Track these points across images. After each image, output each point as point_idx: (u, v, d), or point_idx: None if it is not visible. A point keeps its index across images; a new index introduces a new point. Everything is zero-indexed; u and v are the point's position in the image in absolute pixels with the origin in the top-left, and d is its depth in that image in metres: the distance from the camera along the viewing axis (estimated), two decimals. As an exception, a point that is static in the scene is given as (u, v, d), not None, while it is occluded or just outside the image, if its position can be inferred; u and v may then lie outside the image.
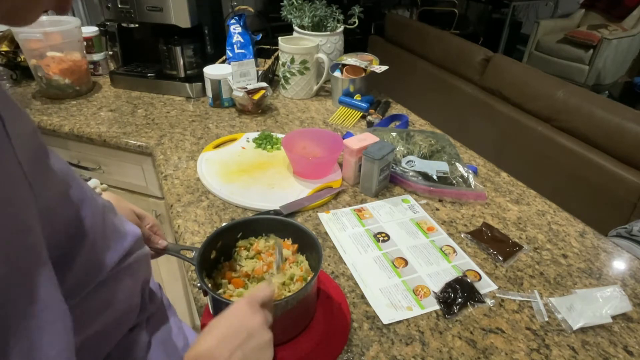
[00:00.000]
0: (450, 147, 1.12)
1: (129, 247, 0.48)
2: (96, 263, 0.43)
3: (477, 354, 0.66)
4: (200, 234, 0.87)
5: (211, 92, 1.35)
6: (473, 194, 1.00)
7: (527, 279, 0.80)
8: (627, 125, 1.67)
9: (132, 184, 1.33)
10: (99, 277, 0.43)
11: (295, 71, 1.40)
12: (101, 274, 0.43)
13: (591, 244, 0.90)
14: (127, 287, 0.49)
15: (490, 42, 4.15)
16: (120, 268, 0.46)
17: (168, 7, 1.27)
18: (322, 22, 1.50)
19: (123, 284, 0.47)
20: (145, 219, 0.73)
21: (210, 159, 1.09)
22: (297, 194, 0.97)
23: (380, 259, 0.82)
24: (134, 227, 0.53)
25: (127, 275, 0.48)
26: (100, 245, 0.43)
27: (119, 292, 0.47)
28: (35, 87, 1.45)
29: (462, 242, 0.88)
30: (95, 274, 0.43)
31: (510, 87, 2.10)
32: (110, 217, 0.48)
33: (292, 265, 0.68)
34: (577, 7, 4.37)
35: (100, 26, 1.50)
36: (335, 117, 1.34)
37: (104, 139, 1.22)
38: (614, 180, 1.67)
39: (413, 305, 0.73)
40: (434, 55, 2.56)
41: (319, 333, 0.66)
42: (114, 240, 0.46)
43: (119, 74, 1.48)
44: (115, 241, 0.47)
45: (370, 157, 0.94)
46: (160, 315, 0.57)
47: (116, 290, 0.46)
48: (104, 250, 0.44)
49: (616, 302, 0.73)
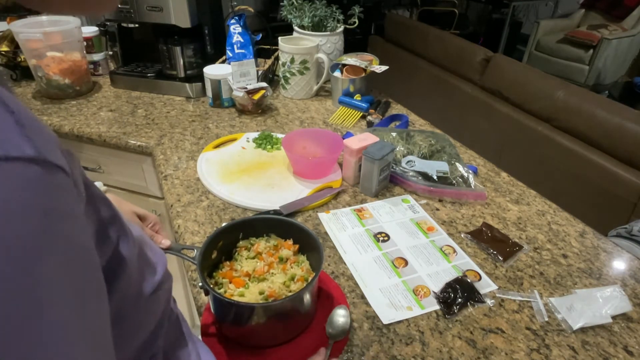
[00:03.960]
0: (450, 147, 1.12)
1: (160, 279, 0.48)
2: (131, 297, 0.42)
3: (477, 354, 0.66)
4: (200, 234, 0.87)
5: (211, 92, 1.35)
6: (473, 194, 1.00)
7: (527, 279, 0.80)
8: (627, 125, 1.67)
9: (132, 184, 1.33)
10: (132, 311, 0.43)
11: (295, 71, 1.40)
12: (135, 308, 0.43)
13: (591, 244, 0.90)
14: (153, 314, 0.48)
15: (490, 42, 4.15)
16: (150, 299, 0.46)
17: (168, 7, 1.27)
18: (322, 22, 1.50)
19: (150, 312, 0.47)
20: (147, 218, 0.72)
21: (210, 159, 1.09)
22: (297, 194, 0.97)
23: (380, 259, 0.82)
24: (160, 253, 0.52)
25: (155, 303, 0.47)
26: (135, 279, 0.43)
27: (145, 323, 0.46)
28: (35, 87, 1.45)
29: (462, 242, 0.88)
30: (130, 308, 0.42)
31: (510, 87, 2.10)
32: (144, 249, 0.47)
33: (293, 265, 0.68)
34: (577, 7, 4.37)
35: (100, 26, 1.50)
36: (335, 117, 1.34)
37: (104, 139, 1.22)
38: (614, 180, 1.67)
39: (413, 305, 0.73)
40: (434, 55, 2.56)
41: (319, 333, 0.66)
42: (148, 274, 0.46)
43: (119, 74, 1.48)
44: (149, 275, 0.46)
45: (370, 157, 0.94)
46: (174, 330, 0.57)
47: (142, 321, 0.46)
48: (139, 283, 0.44)
49: (616, 302, 0.73)
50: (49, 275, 0.25)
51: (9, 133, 0.24)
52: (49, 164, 0.26)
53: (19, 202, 0.24)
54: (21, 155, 0.24)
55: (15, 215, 0.23)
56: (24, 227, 0.24)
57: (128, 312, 0.42)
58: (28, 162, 0.24)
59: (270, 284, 0.65)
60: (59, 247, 0.26)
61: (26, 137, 0.25)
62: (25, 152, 0.24)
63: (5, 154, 0.23)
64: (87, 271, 0.30)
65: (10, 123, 0.25)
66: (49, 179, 0.26)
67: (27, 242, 0.24)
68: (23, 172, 0.24)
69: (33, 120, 0.27)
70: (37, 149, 0.25)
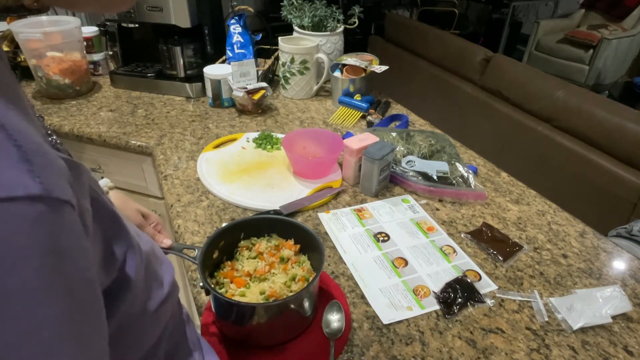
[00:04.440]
0: (450, 147, 1.12)
1: (167, 292, 0.47)
2: (135, 312, 0.42)
3: (477, 354, 0.66)
4: (200, 234, 0.87)
5: (211, 92, 1.35)
6: (473, 194, 1.00)
7: (527, 279, 0.80)
8: (627, 125, 1.68)
9: (132, 184, 1.33)
10: (137, 325, 0.42)
11: (295, 71, 1.40)
12: (140, 322, 0.43)
13: (591, 244, 0.90)
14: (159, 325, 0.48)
15: (490, 42, 4.15)
16: (155, 313, 0.45)
17: (168, 7, 1.27)
18: (322, 22, 1.50)
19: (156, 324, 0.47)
20: (150, 217, 0.72)
21: (210, 159, 1.09)
22: (297, 194, 0.97)
23: (380, 259, 0.82)
24: (169, 263, 0.51)
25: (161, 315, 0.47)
26: (141, 297, 0.42)
27: (150, 334, 0.46)
28: (35, 87, 1.45)
29: (462, 242, 0.88)
30: (134, 322, 0.42)
31: (510, 87, 2.10)
32: (152, 263, 0.46)
33: (294, 265, 0.69)
34: (577, 7, 4.37)
35: (100, 26, 1.50)
36: (335, 117, 1.34)
37: (104, 139, 1.22)
38: (614, 180, 1.67)
39: (413, 305, 0.73)
40: (434, 55, 2.56)
41: (319, 333, 0.66)
42: (155, 288, 0.46)
43: (119, 74, 1.48)
44: (156, 289, 0.46)
45: (370, 157, 0.94)
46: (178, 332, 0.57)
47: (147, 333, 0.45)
48: (145, 301, 0.43)
49: (616, 302, 0.73)
50: (53, 315, 0.25)
51: (14, 170, 0.24)
52: (54, 201, 0.25)
53: (23, 243, 0.23)
54: (26, 194, 0.23)
55: (19, 256, 0.23)
56: (27, 268, 0.23)
57: (133, 326, 0.42)
58: (33, 201, 0.24)
59: (272, 284, 0.65)
60: (63, 286, 0.26)
61: (32, 174, 0.24)
62: (31, 190, 0.24)
63: (9, 195, 0.23)
64: (90, 306, 0.29)
65: (16, 159, 0.24)
66: (54, 217, 0.25)
67: (30, 284, 0.24)
68: (27, 212, 0.23)
69: (40, 153, 0.26)
70: (43, 187, 0.24)
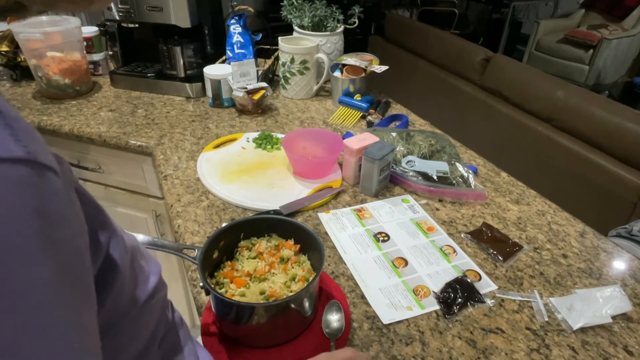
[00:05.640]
0: (450, 147, 1.12)
1: (153, 287, 0.47)
2: (123, 304, 0.42)
3: (477, 354, 0.66)
4: (200, 234, 0.87)
5: (211, 92, 1.35)
6: (473, 194, 1.00)
7: (527, 279, 0.80)
8: (627, 125, 1.67)
9: (132, 184, 1.33)
10: (125, 322, 0.42)
11: (295, 71, 1.40)
12: (128, 318, 0.42)
13: (591, 244, 0.90)
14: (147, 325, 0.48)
15: (490, 42, 4.15)
16: (143, 308, 0.45)
17: (168, 7, 1.27)
18: (322, 22, 1.50)
19: (143, 323, 0.47)
20: None
21: (210, 159, 1.09)
22: (297, 194, 0.97)
23: (380, 259, 0.82)
24: (156, 263, 0.51)
25: (149, 312, 0.47)
26: (129, 287, 0.42)
27: (139, 334, 0.46)
28: (35, 87, 1.45)
29: (462, 242, 0.88)
30: (123, 317, 0.42)
31: (510, 87, 2.10)
32: (137, 258, 0.46)
33: (294, 265, 0.69)
34: (577, 7, 4.37)
35: (100, 26, 1.50)
36: (335, 117, 1.34)
37: (104, 139, 1.22)
38: (614, 180, 1.67)
39: (413, 305, 0.73)
40: (434, 55, 2.56)
41: (319, 333, 0.66)
42: (141, 282, 0.46)
43: (119, 74, 1.48)
44: (142, 282, 0.46)
45: (370, 157, 0.94)
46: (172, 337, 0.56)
47: (136, 331, 0.45)
48: (132, 291, 0.43)
49: (616, 302, 0.73)
50: (42, 278, 0.25)
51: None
52: (39, 165, 0.25)
53: (9, 203, 0.23)
54: (10, 156, 0.24)
55: (6, 217, 0.23)
56: (15, 228, 0.23)
57: (121, 322, 0.41)
58: (17, 163, 0.24)
59: (271, 284, 0.65)
60: (52, 249, 0.26)
61: (15, 138, 0.24)
62: (14, 153, 0.24)
63: None
64: (80, 274, 0.29)
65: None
66: (39, 181, 0.25)
67: (19, 244, 0.24)
68: (12, 174, 0.24)
69: (21, 121, 0.26)
70: (26, 150, 0.25)
